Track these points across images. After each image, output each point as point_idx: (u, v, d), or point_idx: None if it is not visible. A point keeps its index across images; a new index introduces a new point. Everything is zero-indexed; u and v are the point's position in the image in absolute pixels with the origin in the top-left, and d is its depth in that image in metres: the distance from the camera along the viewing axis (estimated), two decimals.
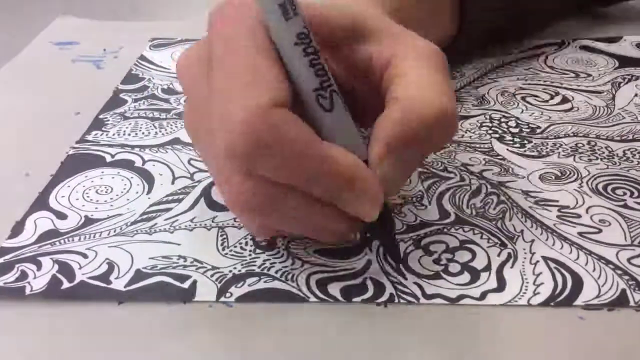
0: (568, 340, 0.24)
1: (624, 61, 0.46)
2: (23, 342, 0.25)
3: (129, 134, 0.38)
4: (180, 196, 0.33)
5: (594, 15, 0.54)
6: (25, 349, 0.25)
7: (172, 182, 0.34)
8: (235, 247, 0.29)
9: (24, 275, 0.28)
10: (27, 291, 0.27)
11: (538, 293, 0.26)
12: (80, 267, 0.28)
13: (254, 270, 0.28)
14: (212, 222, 0.31)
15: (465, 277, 0.27)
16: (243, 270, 0.28)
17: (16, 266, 0.28)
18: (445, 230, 0.30)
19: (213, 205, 0.32)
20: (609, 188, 0.32)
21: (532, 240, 0.29)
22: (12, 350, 0.25)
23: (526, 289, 0.26)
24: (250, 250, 0.29)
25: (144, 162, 0.36)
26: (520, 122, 0.39)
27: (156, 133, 0.38)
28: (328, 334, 0.25)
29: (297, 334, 0.25)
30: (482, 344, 0.24)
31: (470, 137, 0.37)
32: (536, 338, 0.25)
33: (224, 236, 0.30)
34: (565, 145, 0.36)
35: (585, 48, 0.48)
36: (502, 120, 0.39)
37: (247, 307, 0.26)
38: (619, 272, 0.27)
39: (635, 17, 0.53)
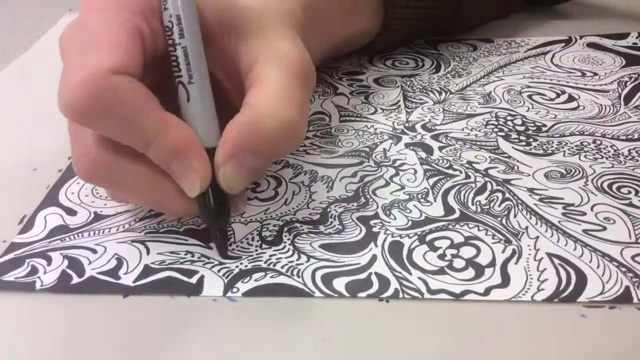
0: (570, 337, 0.25)
1: (631, 59, 0.46)
2: (31, 334, 0.26)
3: None
4: None
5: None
6: (33, 341, 0.25)
7: None
8: (242, 242, 0.30)
9: (34, 270, 0.28)
10: (38, 286, 0.27)
11: (542, 289, 0.26)
12: (90, 263, 0.29)
13: (260, 265, 0.28)
14: None
15: (470, 272, 0.27)
16: (249, 266, 0.28)
17: (27, 261, 0.29)
18: (450, 226, 0.30)
19: None
20: (614, 186, 0.32)
21: (537, 237, 0.29)
22: (20, 342, 0.25)
23: (530, 285, 0.27)
24: (256, 246, 0.29)
25: None
26: (526, 120, 0.39)
27: None
28: (333, 329, 0.25)
29: (301, 329, 0.25)
30: (485, 339, 0.25)
31: (476, 135, 0.37)
32: (539, 334, 0.25)
33: (231, 232, 0.30)
34: (571, 143, 0.36)
35: (592, 45, 0.48)
36: (508, 118, 0.39)
37: (251, 301, 0.27)
38: (623, 269, 0.27)
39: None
